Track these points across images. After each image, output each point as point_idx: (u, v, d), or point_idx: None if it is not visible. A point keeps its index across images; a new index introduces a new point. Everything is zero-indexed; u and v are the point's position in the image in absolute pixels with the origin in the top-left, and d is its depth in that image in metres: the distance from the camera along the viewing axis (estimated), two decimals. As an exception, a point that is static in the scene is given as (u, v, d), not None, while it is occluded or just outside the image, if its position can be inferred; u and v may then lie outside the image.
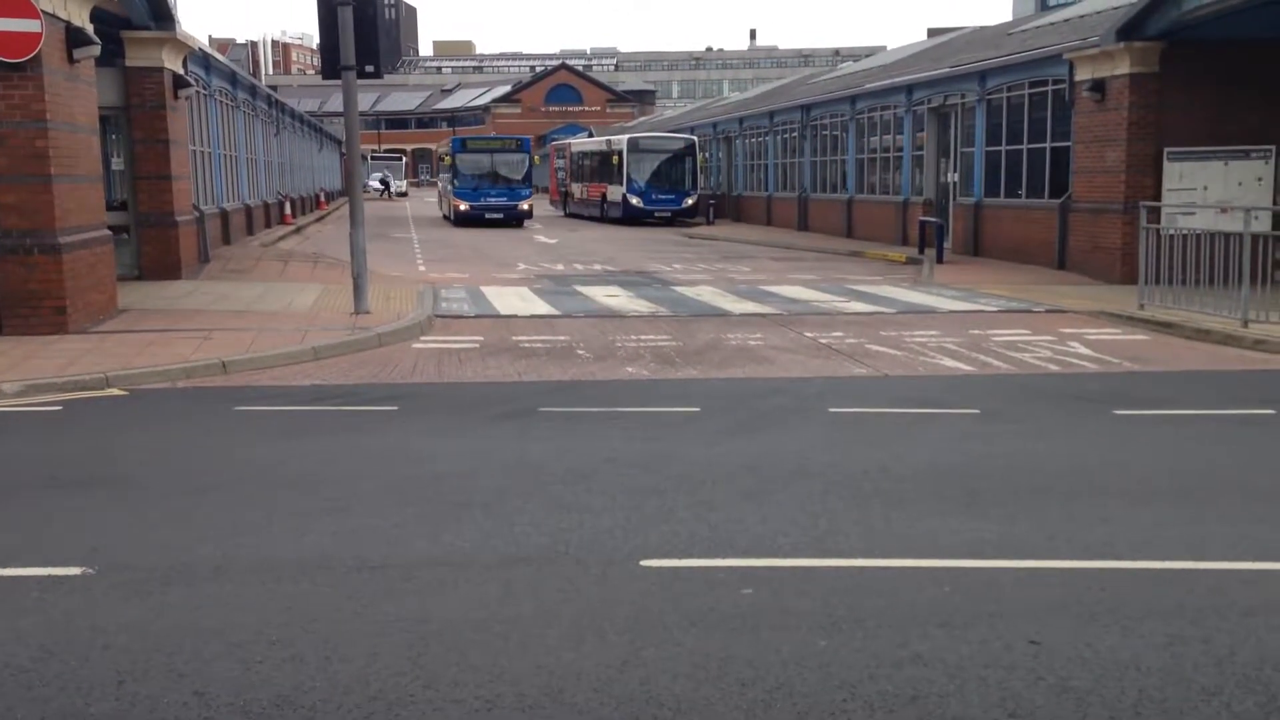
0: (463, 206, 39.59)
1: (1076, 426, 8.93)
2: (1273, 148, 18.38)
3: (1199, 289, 14.26)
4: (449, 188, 42.17)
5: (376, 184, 68.48)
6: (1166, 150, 18.45)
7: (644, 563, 5.55)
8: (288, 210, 37.67)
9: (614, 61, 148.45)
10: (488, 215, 39.23)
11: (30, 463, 7.71)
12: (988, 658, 4.46)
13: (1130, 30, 18.53)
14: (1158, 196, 18.07)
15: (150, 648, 4.57)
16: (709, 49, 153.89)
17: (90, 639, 4.65)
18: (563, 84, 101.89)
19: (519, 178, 40.88)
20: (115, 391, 10.17)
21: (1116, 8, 22.16)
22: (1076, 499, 6.70)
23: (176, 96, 18.94)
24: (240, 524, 6.19)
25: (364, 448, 8.07)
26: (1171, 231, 15.27)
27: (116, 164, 18.63)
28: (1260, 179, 18.29)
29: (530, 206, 40.60)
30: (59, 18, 12.70)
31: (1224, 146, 18.29)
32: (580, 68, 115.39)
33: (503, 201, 39.69)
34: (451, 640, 4.63)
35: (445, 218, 44.41)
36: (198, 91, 22.07)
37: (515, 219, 39.97)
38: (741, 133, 43.02)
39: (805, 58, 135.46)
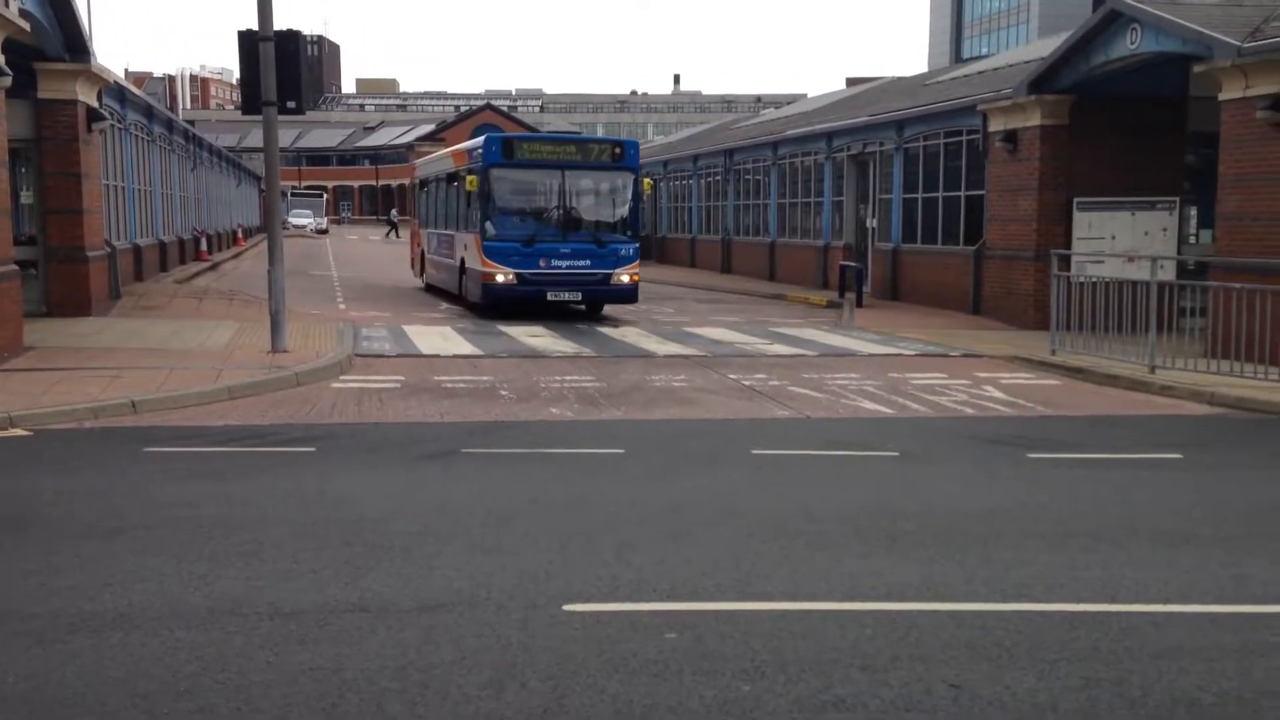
0: (501, 277, 19.83)
1: (992, 469, 9.09)
2: (1177, 199, 19.07)
3: (1108, 335, 14.66)
4: (466, 235, 21.49)
5: (303, 221, 68.88)
6: (1076, 200, 19.02)
7: (567, 607, 5.49)
8: (204, 246, 37.01)
9: (539, 103, 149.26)
10: (552, 295, 20.12)
11: (-74, 505, 7.40)
12: (909, 701, 4.48)
13: (1041, 83, 19.14)
14: (1068, 245, 18.60)
15: (52, 699, 4.39)
16: (634, 92, 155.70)
17: (-14, 691, 4.45)
18: (487, 124, 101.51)
19: (613, 219, 20.92)
20: (19, 431, 9.83)
21: (1028, 61, 22.91)
22: (994, 542, 6.79)
23: (90, 130, 18.53)
24: (148, 569, 5.99)
25: (279, 490, 7.89)
26: (1081, 279, 15.71)
27: (26, 197, 18.13)
28: (1165, 229, 18.94)
29: (635, 279, 20.77)
30: (-32, 47, 12.38)
31: (1131, 197, 18.92)
32: (505, 108, 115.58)
33: (583, 269, 20.12)
34: (367, 689, 4.51)
35: (431, 289, 26.18)
36: (112, 125, 21.63)
37: (601, 299, 21.19)
38: (666, 175, 43.40)
39: (728, 103, 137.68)
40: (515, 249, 19.82)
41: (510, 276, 19.80)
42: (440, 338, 17.29)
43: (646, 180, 21.48)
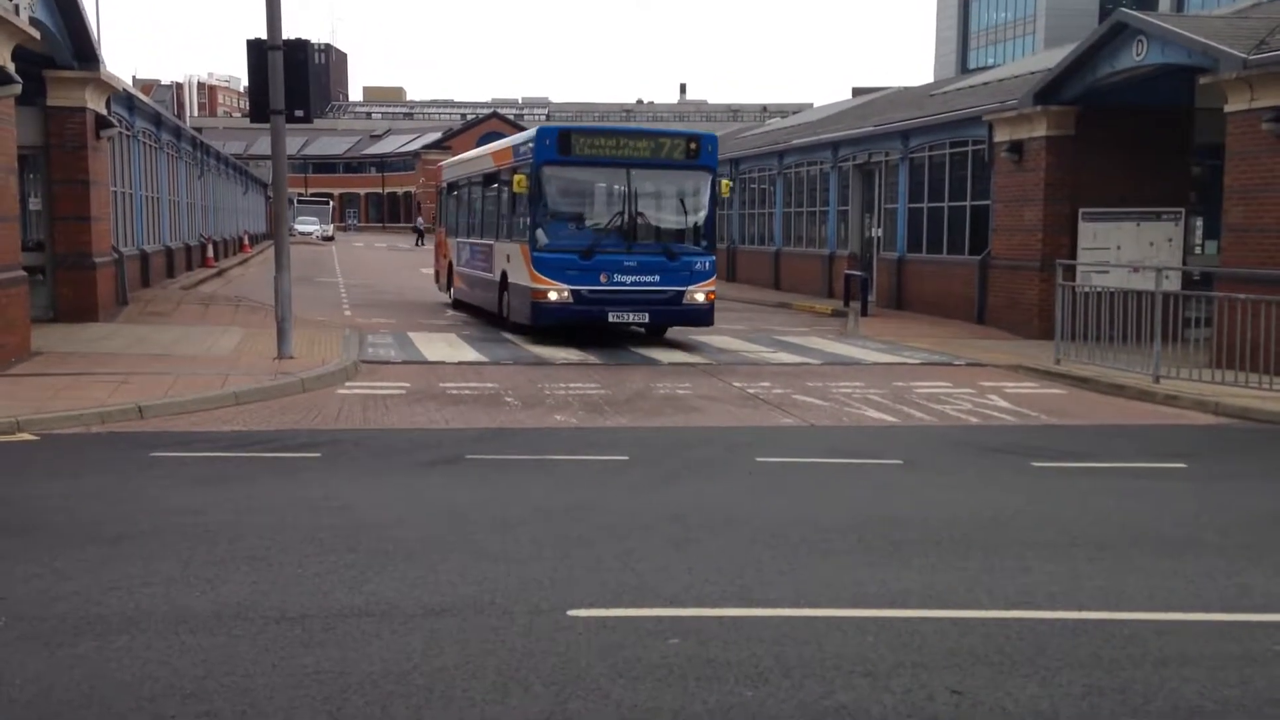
0: (555, 295, 17.11)
1: (996, 478, 9.09)
2: (1182, 210, 19.07)
3: (1112, 345, 14.67)
4: (510, 244, 18.67)
5: (309, 228, 68.99)
6: (1081, 211, 19.02)
7: (571, 613, 5.51)
8: (210, 253, 37.10)
9: (546, 111, 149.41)
10: (614, 316, 17.24)
11: (-66, 509, 7.44)
12: (911, 707, 4.49)
13: (1047, 94, 19.16)
14: (1073, 255, 18.60)
15: (58, 701, 4.41)
16: (640, 101, 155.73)
17: (-6, 693, 4.48)
18: (494, 132, 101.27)
19: (686, 226, 17.90)
20: (26, 436, 9.87)
21: (1033, 72, 22.94)
22: (997, 550, 6.80)
23: (98, 137, 18.63)
24: (154, 574, 6.02)
25: (285, 495, 7.92)
26: (1086, 289, 15.72)
27: (34, 204, 18.21)
28: (1170, 240, 18.93)
29: (710, 297, 17.76)
30: (-21, 54, 12.45)
31: (1136, 208, 18.93)
32: (512, 117, 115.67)
33: (650, 286, 17.26)
34: (372, 693, 4.54)
35: (461, 305, 23.47)
36: (120, 132, 21.74)
37: (670, 321, 18.07)
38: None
39: (734, 112, 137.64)
40: (571, 261, 16.97)
41: (565, 294, 16.99)
42: (445, 345, 17.32)
43: (725, 181, 18.32)
